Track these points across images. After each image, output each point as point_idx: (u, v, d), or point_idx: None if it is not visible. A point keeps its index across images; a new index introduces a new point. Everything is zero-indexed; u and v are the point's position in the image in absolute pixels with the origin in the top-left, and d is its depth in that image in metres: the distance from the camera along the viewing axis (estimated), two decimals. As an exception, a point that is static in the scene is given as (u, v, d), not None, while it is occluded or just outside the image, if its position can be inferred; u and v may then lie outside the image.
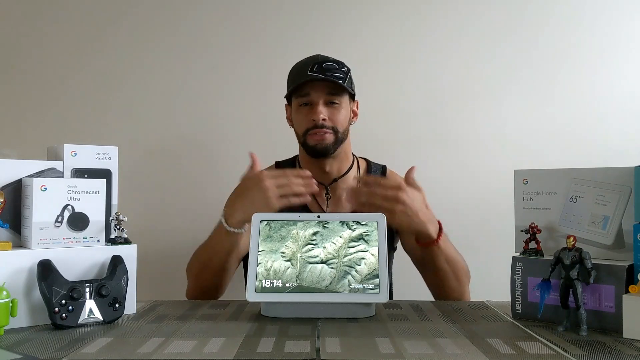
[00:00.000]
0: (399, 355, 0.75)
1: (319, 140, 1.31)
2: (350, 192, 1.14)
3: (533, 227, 0.99)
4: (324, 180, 1.38)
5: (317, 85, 1.30)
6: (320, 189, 1.37)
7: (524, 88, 1.81)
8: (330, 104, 1.32)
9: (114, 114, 1.79)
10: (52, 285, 0.89)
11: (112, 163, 1.06)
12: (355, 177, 1.42)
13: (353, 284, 0.96)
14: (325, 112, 1.31)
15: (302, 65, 1.34)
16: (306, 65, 1.32)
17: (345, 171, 1.39)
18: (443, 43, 1.81)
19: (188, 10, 1.81)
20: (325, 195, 1.38)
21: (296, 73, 1.34)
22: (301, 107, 1.33)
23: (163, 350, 0.77)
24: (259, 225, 1.02)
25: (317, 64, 1.30)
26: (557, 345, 0.80)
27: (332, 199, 1.38)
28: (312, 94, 1.31)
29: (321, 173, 1.37)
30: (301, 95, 1.32)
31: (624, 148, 1.75)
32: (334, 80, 1.29)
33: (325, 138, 1.31)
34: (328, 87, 1.31)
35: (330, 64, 1.32)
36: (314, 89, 1.31)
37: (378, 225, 1.01)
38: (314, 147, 1.32)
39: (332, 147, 1.32)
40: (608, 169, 0.95)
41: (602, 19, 1.80)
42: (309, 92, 1.31)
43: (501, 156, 1.78)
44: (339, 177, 1.39)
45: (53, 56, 1.80)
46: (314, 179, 1.36)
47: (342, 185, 1.39)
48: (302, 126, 1.33)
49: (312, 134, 1.31)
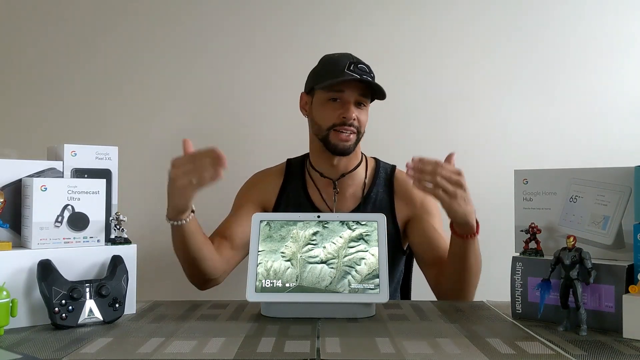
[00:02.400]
0: (399, 355, 0.75)
1: (344, 139, 1.32)
2: (413, 170, 1.05)
3: (533, 227, 0.99)
4: (331, 175, 1.39)
5: (353, 84, 1.31)
6: (327, 184, 1.38)
7: (525, 88, 1.81)
8: (359, 105, 1.33)
9: (114, 114, 1.79)
10: (52, 285, 0.89)
11: (112, 163, 1.06)
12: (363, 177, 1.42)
13: (353, 284, 0.96)
14: (355, 111, 1.32)
15: (337, 61, 1.33)
16: (341, 62, 1.31)
17: (353, 168, 1.40)
18: (444, 43, 1.81)
19: (188, 10, 1.81)
20: (332, 190, 1.38)
21: (331, 67, 1.33)
22: (330, 102, 1.33)
23: (163, 350, 0.77)
24: (259, 225, 1.02)
25: (352, 63, 1.31)
26: (557, 345, 0.80)
27: (339, 194, 1.38)
28: (347, 92, 1.31)
29: (329, 167, 1.38)
30: (334, 90, 1.32)
31: (624, 148, 1.75)
32: (376, 83, 1.31)
33: (350, 138, 1.32)
34: (361, 88, 1.32)
35: (363, 66, 1.33)
36: (349, 87, 1.31)
37: (378, 225, 1.01)
38: (336, 145, 1.32)
39: (353, 147, 1.34)
40: (608, 169, 0.95)
41: (603, 20, 1.80)
42: (344, 89, 1.31)
43: (501, 156, 1.78)
44: (347, 172, 1.39)
45: (53, 56, 1.80)
46: (322, 173, 1.38)
47: (349, 180, 1.39)
48: (329, 121, 1.33)
49: (337, 130, 1.31)
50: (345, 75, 1.29)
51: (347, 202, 1.39)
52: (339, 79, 1.29)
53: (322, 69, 1.36)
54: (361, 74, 1.30)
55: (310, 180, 1.42)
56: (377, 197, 1.39)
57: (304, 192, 1.41)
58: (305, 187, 1.42)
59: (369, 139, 1.46)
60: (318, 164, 1.40)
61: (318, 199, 1.39)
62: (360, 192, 1.40)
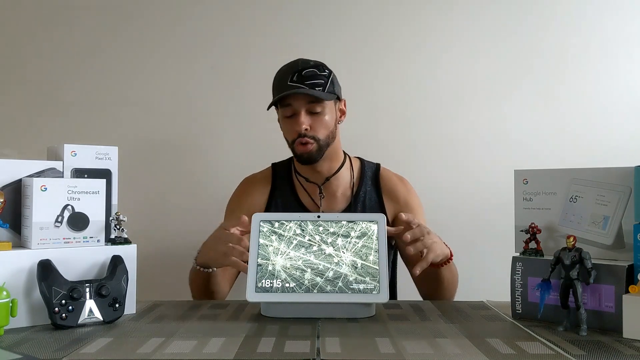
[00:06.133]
0: (399, 355, 0.75)
1: (303, 150, 1.33)
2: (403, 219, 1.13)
3: (533, 227, 0.99)
4: (316, 179, 1.40)
5: (298, 95, 1.31)
6: (314, 188, 1.40)
7: (524, 88, 1.81)
8: (312, 113, 1.33)
9: (114, 114, 1.79)
10: (52, 285, 0.89)
11: (112, 163, 1.06)
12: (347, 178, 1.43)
13: (353, 284, 0.96)
14: (307, 121, 1.32)
15: (283, 74, 1.34)
16: (286, 75, 1.32)
17: (336, 170, 1.41)
18: (444, 42, 1.81)
19: (187, 12, 1.81)
20: (319, 194, 1.40)
21: (278, 83, 1.35)
22: (286, 118, 1.35)
23: (163, 350, 0.77)
24: (258, 225, 1.02)
25: (296, 73, 1.30)
26: (557, 345, 0.80)
27: (325, 197, 1.40)
28: (294, 104, 1.32)
29: (313, 173, 1.40)
30: (284, 106, 1.34)
31: (624, 148, 1.75)
32: (312, 92, 1.29)
33: (309, 148, 1.33)
34: (309, 96, 1.31)
35: (310, 71, 1.31)
36: (295, 99, 1.31)
37: (378, 225, 1.01)
38: (301, 155, 1.35)
39: (317, 154, 1.34)
40: (608, 169, 0.95)
41: (603, 19, 1.80)
42: (291, 102, 1.32)
43: (501, 156, 1.78)
44: (330, 175, 1.40)
45: (53, 56, 1.80)
46: (307, 179, 1.42)
47: (335, 182, 1.41)
48: (290, 136, 1.36)
49: (297, 143, 1.34)
50: (287, 89, 1.30)
51: (337, 203, 1.40)
52: (279, 95, 1.31)
53: (273, 86, 1.38)
54: (305, 80, 1.29)
55: (298, 184, 1.43)
56: (366, 196, 1.41)
57: (294, 196, 1.42)
58: (294, 190, 1.43)
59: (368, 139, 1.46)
60: (302, 170, 1.42)
61: (308, 202, 1.41)
62: (349, 192, 1.42)
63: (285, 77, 1.32)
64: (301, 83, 1.29)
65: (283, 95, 1.30)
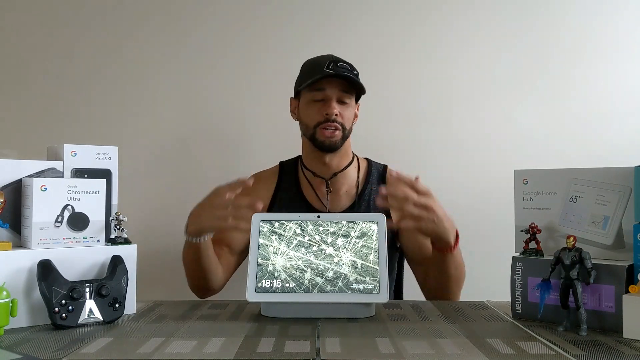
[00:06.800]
0: (399, 355, 0.75)
1: (329, 135, 1.34)
2: (382, 193, 1.08)
3: (533, 227, 0.99)
4: (324, 174, 1.41)
5: (333, 81, 1.34)
6: (320, 183, 1.40)
7: (525, 88, 1.81)
8: (342, 102, 1.36)
9: (114, 114, 1.79)
10: (52, 285, 0.89)
11: (112, 163, 1.06)
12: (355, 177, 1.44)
13: (353, 284, 0.96)
14: (338, 108, 1.34)
15: (317, 61, 1.37)
16: (322, 62, 1.35)
17: (344, 166, 1.42)
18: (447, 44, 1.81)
19: (188, 11, 1.81)
20: (325, 189, 1.40)
21: (311, 68, 1.37)
22: (313, 102, 1.37)
23: (163, 350, 0.77)
24: (258, 225, 1.02)
25: (332, 62, 1.34)
26: (557, 345, 0.80)
27: (332, 192, 1.40)
28: (328, 90, 1.35)
29: (322, 166, 1.41)
30: (315, 90, 1.35)
31: (624, 148, 1.75)
32: (353, 77, 1.33)
33: (335, 134, 1.35)
34: (342, 85, 1.35)
35: (343, 64, 1.36)
36: (329, 85, 1.34)
37: (378, 225, 1.01)
38: (323, 142, 1.36)
39: (340, 143, 1.37)
40: (608, 169, 0.95)
41: (603, 19, 1.80)
42: (325, 87, 1.35)
43: (501, 156, 1.77)
44: (338, 171, 1.41)
45: (53, 56, 1.80)
46: (315, 173, 1.41)
47: (341, 179, 1.42)
48: (313, 120, 1.36)
49: (322, 128, 1.34)
50: (324, 74, 1.32)
51: (341, 201, 1.41)
52: (317, 76, 1.33)
53: (304, 72, 1.41)
54: (341, 71, 1.33)
55: (304, 179, 1.44)
56: (371, 196, 1.42)
57: (298, 191, 1.43)
58: (299, 185, 1.44)
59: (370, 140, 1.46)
60: (310, 163, 1.43)
61: (313, 197, 1.41)
62: (354, 191, 1.42)
63: (321, 63, 1.35)
64: (338, 72, 1.33)
65: (325, 75, 1.32)
